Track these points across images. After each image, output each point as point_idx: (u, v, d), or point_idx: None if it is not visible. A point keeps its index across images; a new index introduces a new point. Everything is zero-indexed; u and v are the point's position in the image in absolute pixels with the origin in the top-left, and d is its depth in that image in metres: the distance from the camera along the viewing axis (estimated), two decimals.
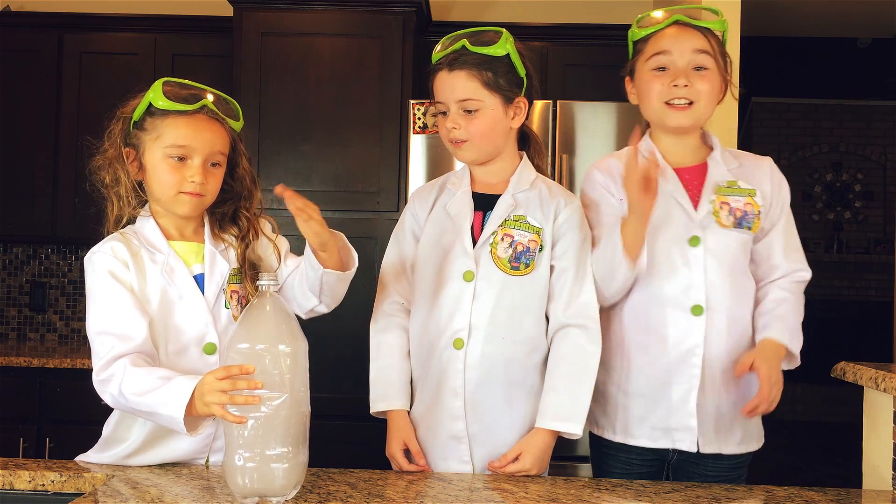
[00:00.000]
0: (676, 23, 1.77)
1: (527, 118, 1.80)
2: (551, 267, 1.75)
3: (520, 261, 1.73)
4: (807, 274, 1.83)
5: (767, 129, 7.72)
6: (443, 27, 3.45)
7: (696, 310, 1.73)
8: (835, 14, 5.96)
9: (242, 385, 1.29)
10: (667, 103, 1.75)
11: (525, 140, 1.86)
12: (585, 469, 2.87)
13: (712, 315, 1.73)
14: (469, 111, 1.71)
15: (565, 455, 2.91)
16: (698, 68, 1.75)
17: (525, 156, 1.83)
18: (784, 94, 7.45)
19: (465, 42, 1.70)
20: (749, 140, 7.58)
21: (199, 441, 1.56)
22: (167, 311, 1.54)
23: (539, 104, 2.99)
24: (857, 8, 5.72)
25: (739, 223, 1.77)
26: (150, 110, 1.54)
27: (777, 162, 1.92)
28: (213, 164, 1.57)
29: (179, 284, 1.55)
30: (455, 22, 3.72)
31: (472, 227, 1.75)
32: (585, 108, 2.98)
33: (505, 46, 1.71)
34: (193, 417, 1.38)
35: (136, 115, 1.55)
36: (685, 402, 1.73)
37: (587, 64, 3.41)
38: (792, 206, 1.87)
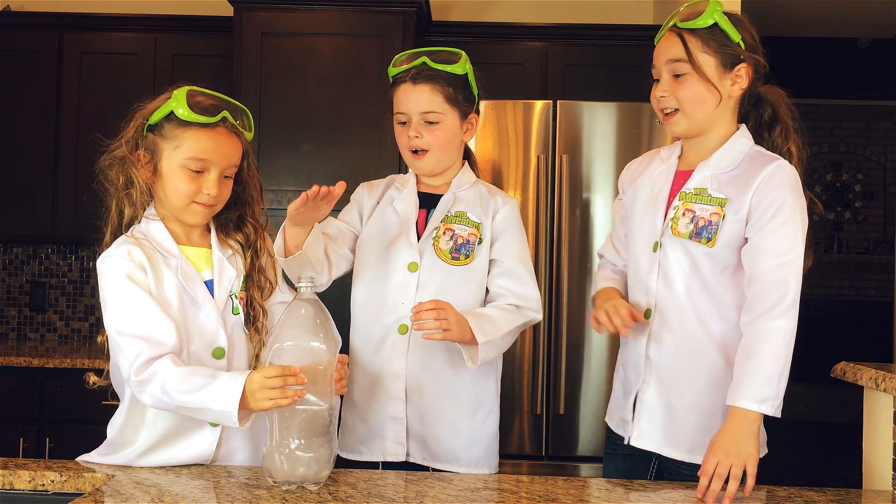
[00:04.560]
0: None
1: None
2: (491, 262, 1.89)
3: (460, 252, 1.87)
4: (791, 296, 1.56)
5: None
6: (443, 27, 3.45)
7: (647, 313, 1.70)
8: (835, 14, 5.96)
9: (291, 382, 1.37)
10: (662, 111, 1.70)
11: (464, 153, 2.01)
12: (585, 469, 2.88)
13: (662, 322, 1.68)
14: (430, 122, 1.86)
15: (565, 455, 2.91)
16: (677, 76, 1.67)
17: (466, 163, 2.00)
18: None
19: (425, 59, 1.85)
20: None
21: (205, 447, 1.57)
22: (184, 315, 1.54)
23: (539, 104, 2.99)
24: (857, 8, 5.71)
25: (699, 233, 1.64)
26: (170, 117, 1.53)
27: None
28: (226, 176, 1.58)
29: (193, 289, 1.55)
30: (455, 22, 3.72)
31: (416, 224, 1.91)
32: (585, 108, 2.97)
33: (464, 67, 1.88)
34: (243, 411, 1.43)
35: (154, 120, 1.54)
36: (627, 398, 1.75)
37: (587, 64, 3.40)
38: None
